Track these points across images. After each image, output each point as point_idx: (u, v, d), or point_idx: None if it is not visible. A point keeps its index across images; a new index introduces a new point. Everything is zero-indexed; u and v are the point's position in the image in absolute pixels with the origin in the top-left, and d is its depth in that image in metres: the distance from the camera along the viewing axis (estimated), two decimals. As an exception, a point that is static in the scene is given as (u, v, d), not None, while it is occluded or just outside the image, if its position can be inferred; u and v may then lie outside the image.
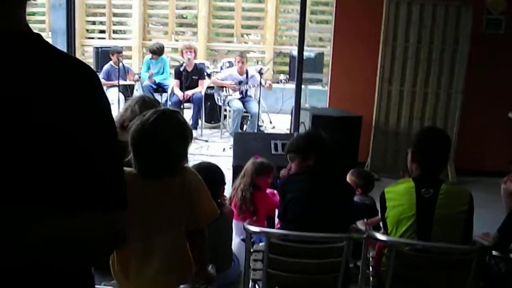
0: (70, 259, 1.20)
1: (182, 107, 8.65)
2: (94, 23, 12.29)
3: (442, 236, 3.02)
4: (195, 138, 8.33)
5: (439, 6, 6.75)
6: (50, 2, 10.99)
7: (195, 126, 8.84)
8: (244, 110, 8.69)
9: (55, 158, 1.14)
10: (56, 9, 10.30)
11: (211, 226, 2.70)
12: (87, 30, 12.01)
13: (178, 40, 11.69)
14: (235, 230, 4.07)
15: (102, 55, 9.74)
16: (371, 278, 3.32)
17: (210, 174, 3.31)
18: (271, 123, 9.57)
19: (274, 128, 9.43)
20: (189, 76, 8.79)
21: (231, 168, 6.09)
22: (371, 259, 3.33)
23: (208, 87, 9.18)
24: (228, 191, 4.31)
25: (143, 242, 2.47)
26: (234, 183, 4.53)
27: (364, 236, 3.11)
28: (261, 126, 8.91)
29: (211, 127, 9.34)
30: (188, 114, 9.00)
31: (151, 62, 9.51)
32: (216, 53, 12.02)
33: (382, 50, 6.86)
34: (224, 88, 8.88)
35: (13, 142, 1.11)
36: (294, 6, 11.41)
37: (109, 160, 1.23)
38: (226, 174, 3.95)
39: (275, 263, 3.05)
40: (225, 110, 9.03)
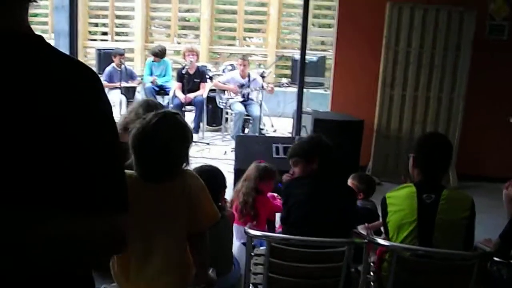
0: (70, 260, 1.20)
1: (183, 109, 8.65)
2: (97, 25, 12.31)
3: (443, 242, 3.01)
4: (196, 141, 8.35)
5: (442, 11, 6.75)
6: (53, 4, 11.01)
7: (196, 129, 8.84)
8: (245, 113, 8.68)
9: (56, 159, 1.14)
10: (59, 10, 10.32)
11: (211, 230, 2.69)
12: (90, 32, 12.03)
13: (180, 43, 11.71)
14: (236, 233, 4.06)
15: (105, 57, 9.75)
16: (372, 283, 3.31)
17: (211, 177, 3.30)
18: (272, 126, 9.56)
19: (275, 131, 9.42)
20: (191, 79, 8.79)
21: (233, 171, 6.09)
22: (372, 264, 3.32)
23: (210, 90, 9.17)
24: (229, 194, 4.30)
25: (143, 245, 2.47)
26: (236, 186, 4.51)
27: (365, 241, 3.10)
28: (262, 130, 8.91)
29: (213, 130, 9.33)
30: (189, 117, 8.99)
31: (153, 64, 9.51)
32: (218, 56, 12.04)
33: (385, 54, 6.85)
34: (226, 91, 8.88)
35: (13, 143, 1.11)
36: (297, 10, 11.42)
37: (109, 162, 1.23)
38: (228, 177, 3.94)
39: (275, 267, 3.05)
40: (226, 113, 9.03)
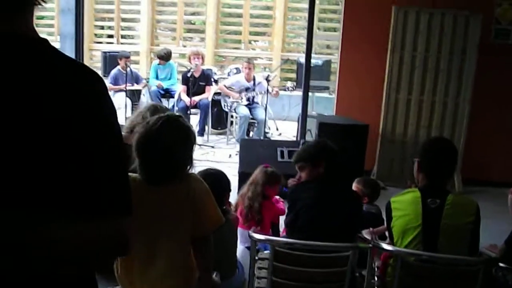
0: (74, 263, 1.20)
1: (189, 112, 8.66)
2: (103, 27, 12.33)
3: (448, 247, 3.00)
4: (201, 144, 8.35)
5: (447, 15, 6.74)
6: (59, 6, 11.05)
7: (201, 132, 8.85)
8: (250, 117, 8.69)
9: (59, 162, 1.14)
10: (65, 13, 10.35)
11: (215, 233, 2.69)
12: (96, 35, 12.06)
13: (186, 46, 11.72)
14: (240, 237, 4.05)
15: (110, 60, 9.77)
16: (376, 288, 3.31)
17: (215, 181, 3.30)
18: (277, 130, 9.56)
19: (280, 135, 9.42)
20: (196, 82, 8.80)
21: (237, 174, 6.10)
22: (376, 269, 3.31)
23: (215, 93, 9.19)
24: (233, 197, 4.29)
25: (147, 248, 2.47)
26: (241, 190, 4.50)
27: (369, 245, 3.09)
28: (267, 133, 8.91)
29: (218, 133, 9.34)
30: (195, 120, 9.00)
31: (159, 67, 9.53)
32: (223, 59, 12.05)
33: (390, 58, 6.84)
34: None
35: (17, 146, 1.11)
36: (302, 14, 11.42)
37: (113, 165, 1.23)
38: (232, 181, 3.94)
39: (280, 271, 3.04)
40: (231, 117, 9.04)
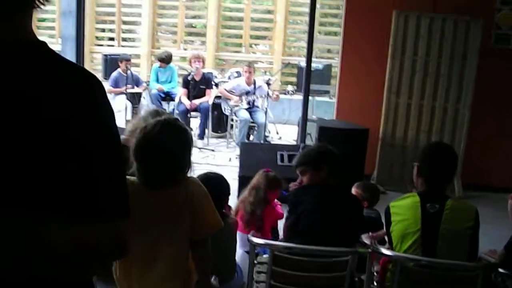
0: (70, 266, 1.19)
1: (189, 116, 8.67)
2: (104, 30, 12.35)
3: (447, 252, 2.99)
4: (201, 148, 8.36)
5: (448, 20, 6.75)
6: (61, 9, 11.06)
7: (202, 136, 8.85)
8: (251, 120, 8.69)
9: (56, 164, 1.14)
10: (66, 16, 10.37)
11: (214, 237, 2.69)
12: (97, 37, 12.07)
13: (186, 49, 11.74)
14: (240, 241, 4.04)
15: (111, 63, 9.77)
16: (375, 293, 3.30)
17: (215, 185, 3.29)
18: (277, 133, 9.56)
19: (280, 139, 9.42)
20: (196, 85, 8.81)
21: (237, 178, 6.10)
22: (375, 274, 3.30)
23: (215, 97, 9.19)
24: (233, 201, 4.28)
25: (145, 251, 2.47)
26: (241, 194, 4.46)
27: (369, 250, 3.09)
28: (267, 137, 8.91)
29: (218, 136, 9.34)
30: (195, 123, 9.01)
31: (159, 70, 9.53)
32: (224, 62, 12.06)
33: (390, 63, 6.85)
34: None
35: (13, 149, 1.11)
36: (303, 17, 11.43)
37: (110, 168, 1.23)
38: (232, 184, 3.94)
39: (278, 275, 3.04)
40: (232, 120, 9.04)
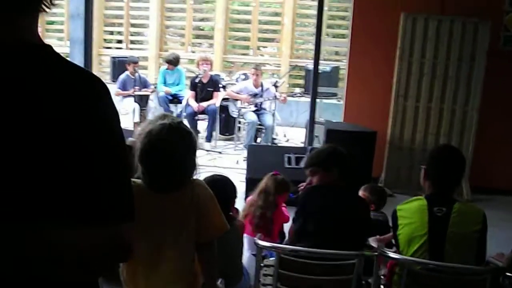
0: (74, 268, 1.19)
1: (196, 118, 8.68)
2: (112, 33, 12.40)
3: (454, 256, 2.97)
4: (209, 150, 8.37)
5: (456, 22, 6.72)
6: (69, 12, 11.11)
7: (209, 138, 8.86)
8: (258, 123, 8.69)
9: (57, 167, 1.14)
10: (75, 18, 10.41)
11: (221, 240, 2.69)
12: (105, 40, 12.12)
13: (194, 52, 11.76)
14: (248, 244, 4.04)
15: (119, 65, 9.81)
16: (382, 296, 3.29)
17: (221, 187, 3.29)
18: (285, 136, 9.56)
19: (288, 141, 9.42)
20: (204, 88, 8.82)
21: (245, 180, 6.09)
22: (382, 277, 3.29)
23: (223, 99, 9.20)
24: (240, 203, 4.27)
25: (151, 253, 2.47)
26: (250, 198, 4.43)
27: (375, 253, 3.08)
28: (275, 139, 8.91)
29: (225, 139, 9.34)
30: (202, 126, 9.02)
31: (167, 72, 9.55)
32: (232, 65, 12.08)
33: (398, 65, 6.83)
34: (238, 100, 8.90)
35: (15, 151, 1.11)
36: (311, 20, 11.44)
37: (113, 170, 1.22)
38: (239, 187, 3.93)
39: (285, 278, 3.03)
40: (239, 122, 9.05)
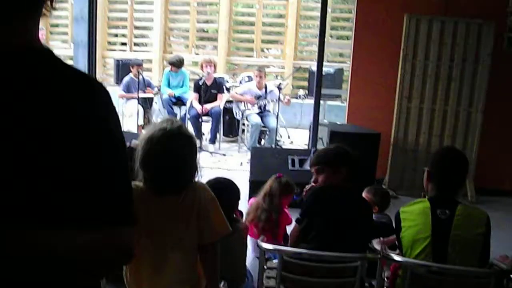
0: (73, 273, 1.20)
1: (200, 120, 8.69)
2: (116, 35, 12.42)
3: (458, 258, 2.97)
4: (212, 152, 8.37)
5: (460, 24, 6.71)
6: (73, 14, 11.15)
7: (213, 140, 8.87)
8: (262, 125, 8.69)
9: (54, 170, 1.14)
10: (79, 21, 10.44)
11: (223, 242, 2.69)
12: (109, 42, 12.15)
13: (198, 54, 11.77)
14: (252, 247, 4.04)
15: (123, 67, 9.82)
16: (385, 299, 3.28)
17: (224, 190, 3.30)
18: (289, 138, 9.56)
19: (292, 143, 9.42)
20: (208, 90, 8.82)
21: (248, 182, 6.09)
22: (386, 280, 3.29)
23: (226, 101, 9.21)
24: (243, 205, 4.26)
25: (154, 256, 2.49)
26: (255, 200, 4.41)
27: (378, 256, 3.07)
28: (279, 141, 8.90)
29: (229, 141, 9.35)
30: (206, 128, 9.03)
31: (171, 74, 9.57)
32: (236, 67, 12.08)
33: (402, 66, 6.82)
34: (242, 102, 8.90)
35: (12, 156, 1.11)
36: (315, 22, 11.41)
37: (112, 173, 1.23)
38: (243, 189, 3.92)
39: (288, 281, 3.03)
40: (243, 125, 9.05)
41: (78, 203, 1.17)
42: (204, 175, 2.94)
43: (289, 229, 3.96)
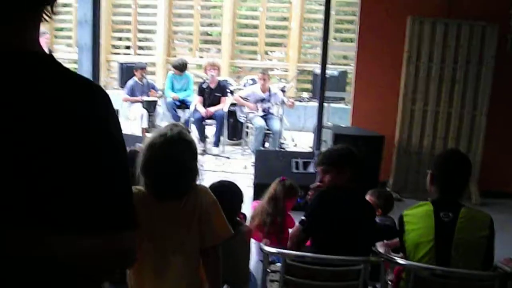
0: (74, 276, 1.20)
1: (204, 123, 8.70)
2: (120, 39, 12.45)
3: (461, 261, 2.96)
4: (216, 155, 8.37)
5: (463, 26, 6.70)
6: (77, 18, 11.19)
7: (217, 143, 8.88)
8: (266, 128, 8.68)
9: (54, 172, 1.14)
10: (83, 25, 10.47)
11: (226, 245, 2.69)
12: (113, 46, 12.17)
13: (202, 57, 11.79)
14: (257, 251, 4.04)
15: (127, 71, 9.85)
16: (389, 302, 3.28)
17: (227, 193, 3.30)
18: (293, 141, 9.55)
19: (296, 146, 9.41)
20: (212, 93, 8.83)
21: (252, 185, 6.09)
22: (389, 283, 3.28)
23: (230, 104, 9.21)
24: (247, 208, 4.26)
25: (156, 260, 2.49)
26: (259, 204, 4.40)
27: (381, 259, 3.07)
28: (283, 144, 8.90)
29: (233, 144, 9.35)
30: (210, 131, 9.04)
31: (175, 77, 9.59)
32: (239, 70, 12.09)
33: (406, 69, 6.82)
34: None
35: (11, 158, 1.11)
36: (318, 24, 11.43)
37: (112, 177, 1.22)
38: (247, 192, 3.91)
39: (291, 284, 3.03)
40: (247, 127, 9.05)
41: (78, 204, 1.17)
42: (208, 178, 2.94)
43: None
